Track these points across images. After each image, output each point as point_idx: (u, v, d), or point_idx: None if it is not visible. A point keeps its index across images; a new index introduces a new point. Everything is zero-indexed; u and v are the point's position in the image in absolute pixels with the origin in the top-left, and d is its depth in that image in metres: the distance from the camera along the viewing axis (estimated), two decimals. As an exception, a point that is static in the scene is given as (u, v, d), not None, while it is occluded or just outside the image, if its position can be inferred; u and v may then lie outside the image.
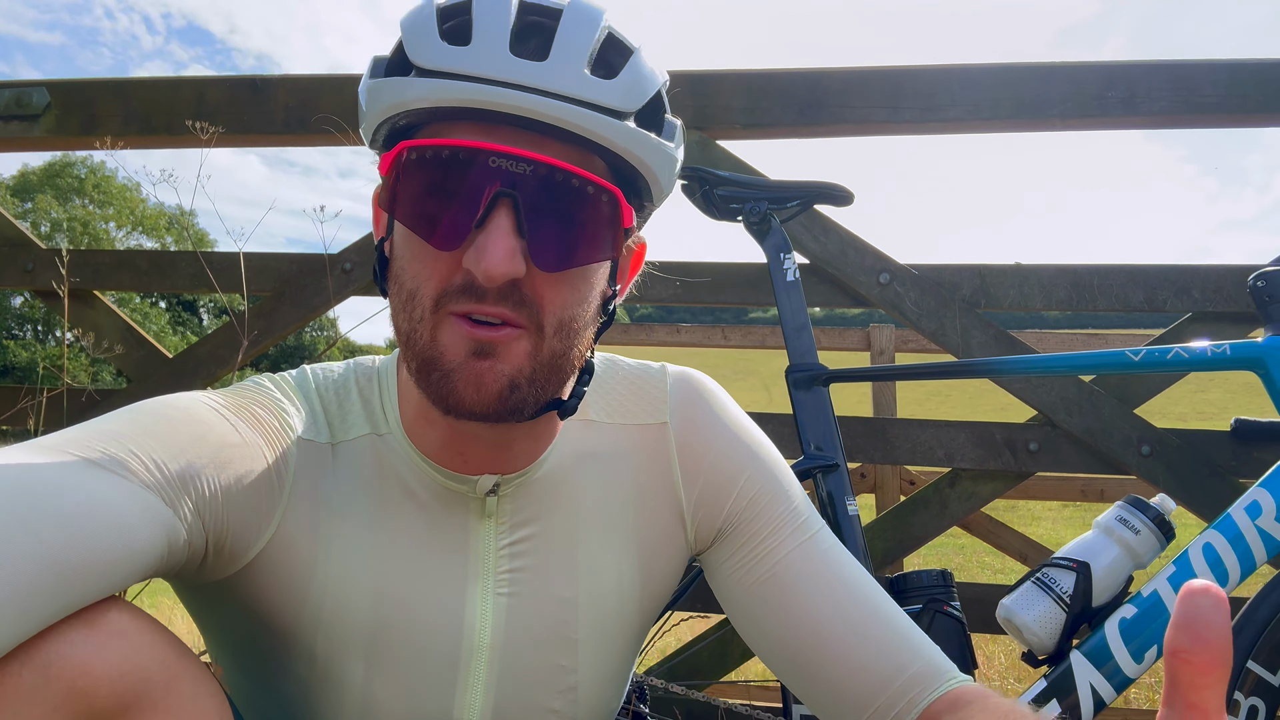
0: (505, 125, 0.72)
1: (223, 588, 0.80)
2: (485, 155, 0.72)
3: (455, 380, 0.74)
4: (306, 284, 2.33)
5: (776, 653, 0.90)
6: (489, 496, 0.87)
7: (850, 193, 1.78)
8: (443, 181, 0.73)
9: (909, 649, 0.86)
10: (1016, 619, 1.48)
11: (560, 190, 0.74)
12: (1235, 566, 1.39)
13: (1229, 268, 2.06)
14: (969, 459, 2.06)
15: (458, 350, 0.75)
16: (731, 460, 0.93)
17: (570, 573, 0.89)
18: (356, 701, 0.84)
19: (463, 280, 0.74)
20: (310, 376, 0.89)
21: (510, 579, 0.87)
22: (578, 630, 0.90)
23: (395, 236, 0.79)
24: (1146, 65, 2.10)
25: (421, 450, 0.85)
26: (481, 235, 0.72)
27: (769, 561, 0.90)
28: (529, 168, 0.72)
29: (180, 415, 0.75)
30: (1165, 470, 1.97)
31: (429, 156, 0.73)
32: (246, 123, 2.31)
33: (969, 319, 2.08)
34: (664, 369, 0.98)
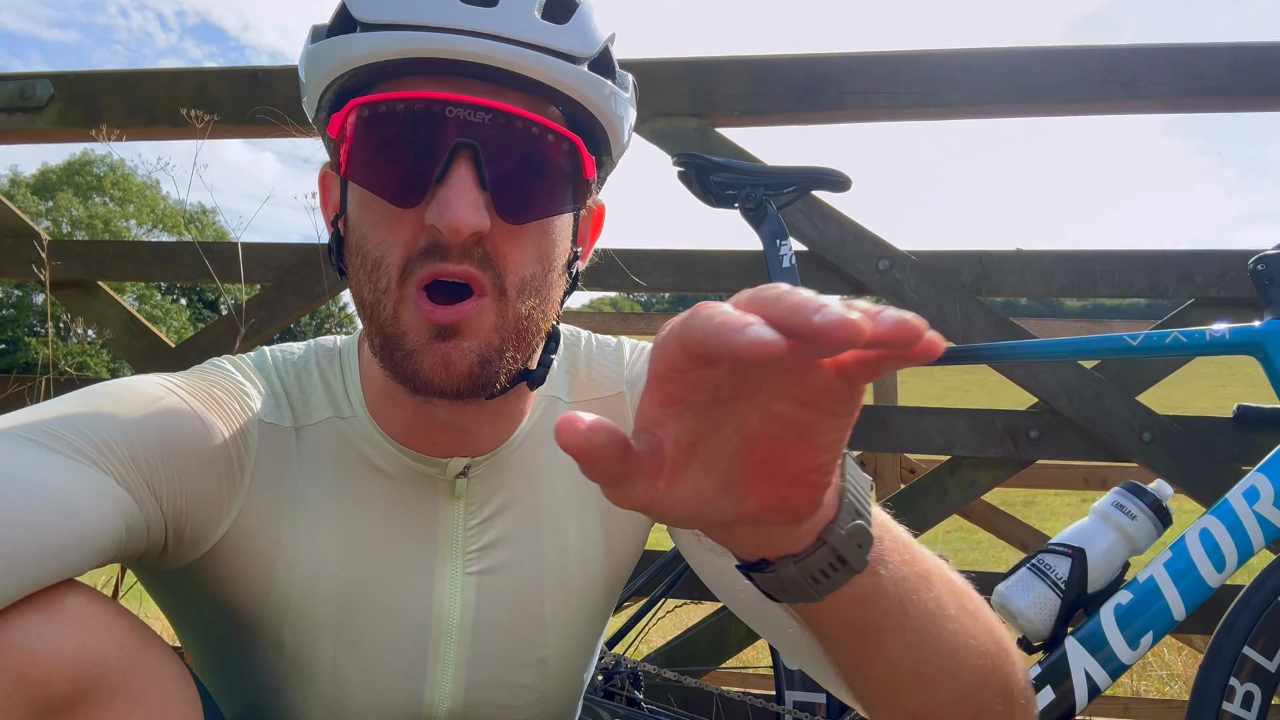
0: (458, 76, 0.70)
1: (186, 574, 0.80)
2: (441, 105, 0.70)
3: (420, 360, 0.73)
4: (307, 274, 2.33)
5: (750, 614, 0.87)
6: (459, 479, 0.86)
7: (848, 178, 1.77)
8: (398, 136, 0.71)
9: None
10: (1011, 605, 1.47)
11: (521, 139, 0.72)
12: (1233, 552, 1.38)
13: (1232, 253, 2.04)
14: (969, 446, 2.05)
15: (419, 331, 0.73)
16: None
17: (537, 549, 0.89)
18: (326, 686, 0.83)
19: (427, 241, 0.72)
20: (269, 358, 0.88)
21: (479, 558, 0.87)
22: (545, 605, 0.89)
23: (351, 206, 0.77)
24: (1149, 49, 2.08)
25: (388, 433, 0.84)
26: (443, 189, 0.70)
27: None
28: (487, 116, 0.70)
29: (134, 397, 0.74)
30: (1167, 457, 1.96)
31: (382, 111, 0.71)
32: (247, 113, 2.31)
33: (969, 306, 2.06)
34: (620, 342, 0.98)
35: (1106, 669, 1.38)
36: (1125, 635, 1.39)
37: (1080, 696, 1.38)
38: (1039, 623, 1.45)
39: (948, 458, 2.10)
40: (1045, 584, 1.46)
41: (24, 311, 42.07)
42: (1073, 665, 1.39)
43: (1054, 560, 1.47)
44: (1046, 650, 1.44)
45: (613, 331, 3.75)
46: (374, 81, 0.73)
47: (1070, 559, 1.46)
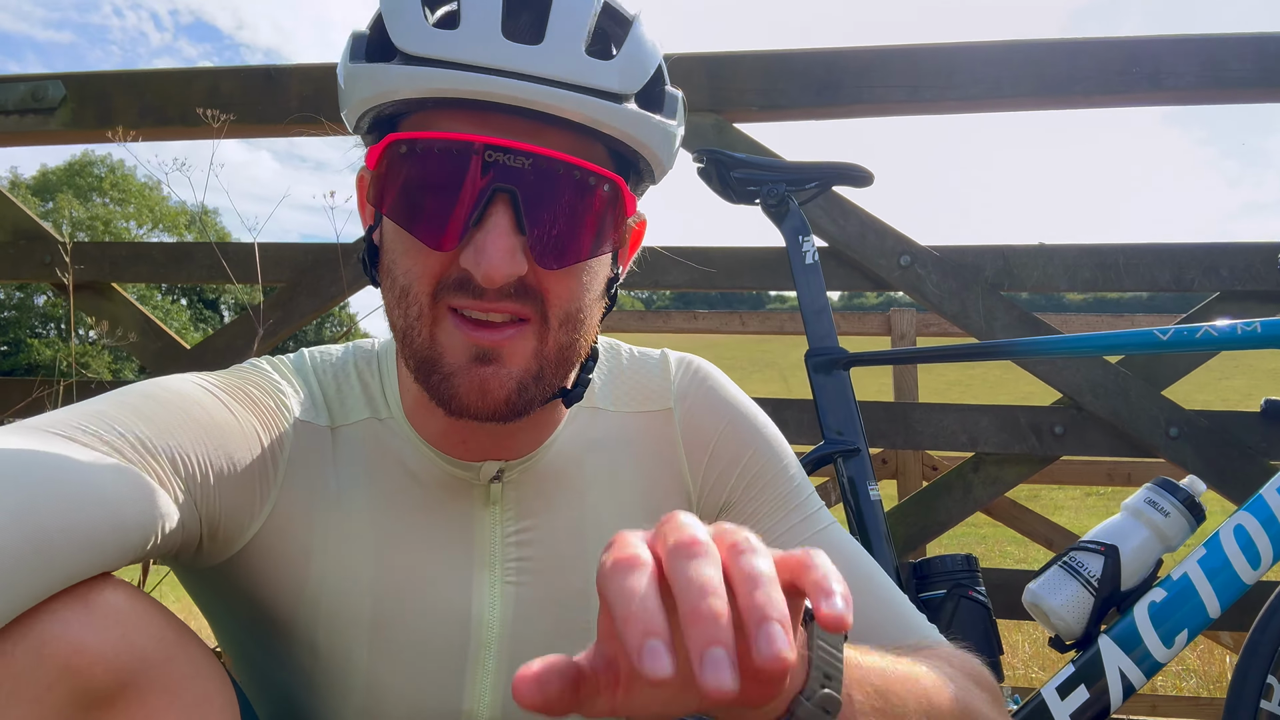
0: (499, 113, 0.69)
1: (222, 572, 0.79)
2: (480, 149, 0.68)
3: (457, 384, 0.73)
4: (322, 274, 2.32)
5: None
6: (493, 483, 0.85)
7: (870, 173, 1.75)
8: (435, 176, 0.70)
9: (899, 629, 0.86)
10: (1044, 603, 1.45)
11: (561, 183, 0.70)
12: (1268, 548, 1.36)
13: (1258, 245, 2.01)
14: (993, 443, 2.04)
15: (457, 354, 0.73)
16: (734, 440, 0.93)
17: (580, 562, 0.88)
18: (362, 691, 0.82)
19: (458, 275, 0.71)
20: (308, 359, 0.88)
21: (518, 568, 0.86)
22: (591, 619, 0.87)
23: (386, 227, 0.76)
24: (1172, 40, 2.06)
25: (424, 436, 0.84)
26: (479, 234, 0.69)
27: (767, 540, 0.88)
28: (527, 161, 0.69)
29: (168, 395, 0.74)
30: (1194, 452, 1.94)
31: (420, 150, 0.70)
32: (261, 113, 2.30)
33: (992, 301, 2.04)
34: (665, 355, 0.97)
35: (1141, 668, 1.37)
36: (1160, 633, 1.37)
37: (1115, 696, 1.37)
38: (1072, 621, 1.43)
39: (971, 454, 2.08)
40: (1078, 582, 1.44)
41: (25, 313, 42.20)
42: (1107, 664, 1.38)
43: (1086, 558, 1.46)
44: (1079, 649, 1.43)
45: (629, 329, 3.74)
46: (412, 112, 0.72)
47: (1103, 556, 1.44)
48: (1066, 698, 1.38)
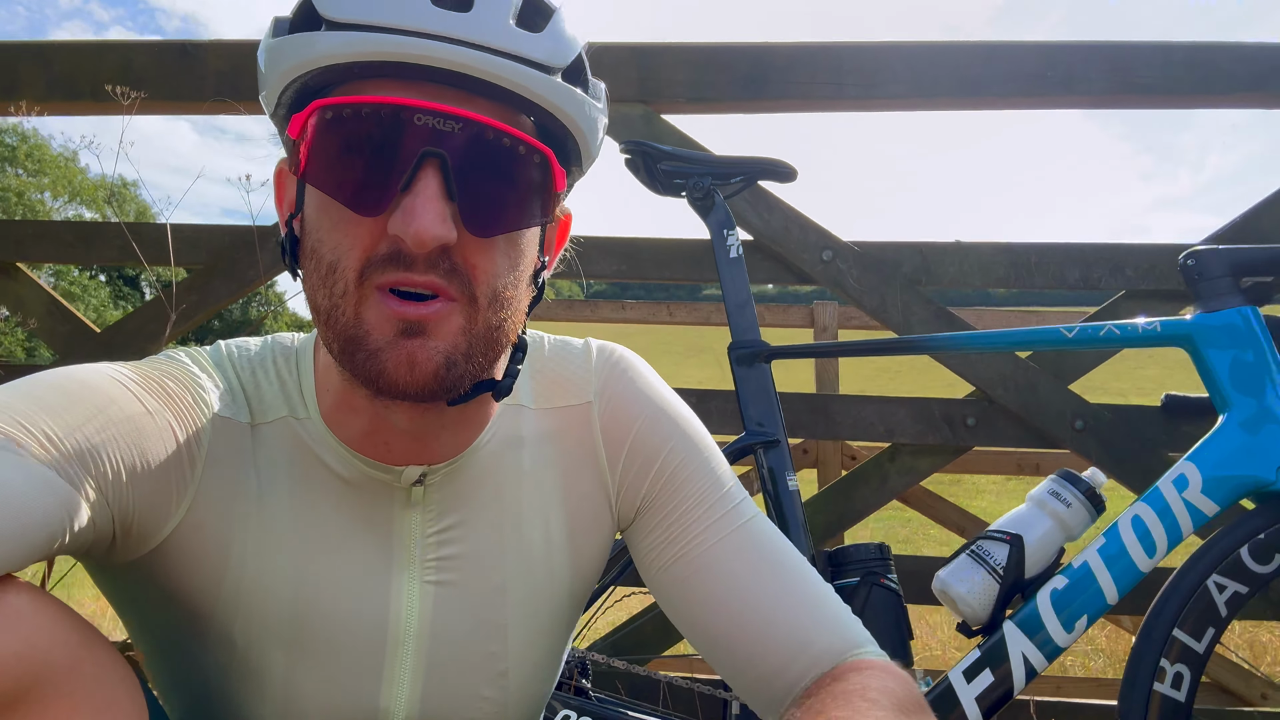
0: (428, 82, 0.68)
1: (135, 569, 0.77)
2: (410, 112, 0.68)
3: (384, 360, 0.71)
4: (239, 257, 2.26)
5: (692, 628, 0.89)
6: (415, 487, 0.84)
7: (794, 169, 1.78)
8: (363, 142, 0.69)
9: (817, 623, 0.85)
10: (951, 590, 1.51)
11: (491, 150, 0.70)
12: (1163, 538, 1.43)
13: (1162, 246, 2.11)
14: (909, 434, 2.09)
15: (384, 329, 0.71)
16: (654, 436, 0.92)
17: (500, 559, 0.88)
18: (278, 690, 0.81)
19: (388, 249, 0.70)
20: (225, 352, 0.86)
21: (438, 566, 0.85)
22: (508, 617, 0.88)
23: (308, 208, 0.74)
24: (1084, 46, 2.13)
25: (343, 439, 0.82)
26: (408, 198, 0.68)
27: (687, 536, 0.89)
28: (458, 125, 0.68)
29: (78, 387, 0.71)
30: (1097, 444, 2.02)
31: (347, 115, 0.69)
32: (176, 89, 2.23)
33: (910, 296, 2.10)
34: (587, 346, 0.96)
35: (1043, 651, 1.43)
36: (1061, 619, 1.43)
37: (1018, 679, 1.42)
38: (979, 607, 1.49)
39: (888, 445, 2.14)
40: (985, 570, 1.49)
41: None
42: (1011, 649, 1.43)
43: (993, 547, 1.51)
44: (985, 634, 1.48)
45: (558, 318, 3.73)
46: (338, 82, 0.71)
47: (1008, 545, 1.50)
48: (972, 681, 1.43)
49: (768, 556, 0.88)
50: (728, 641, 0.86)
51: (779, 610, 0.85)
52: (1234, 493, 1.43)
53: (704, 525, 0.89)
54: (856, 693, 0.75)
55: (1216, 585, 1.40)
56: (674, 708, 1.86)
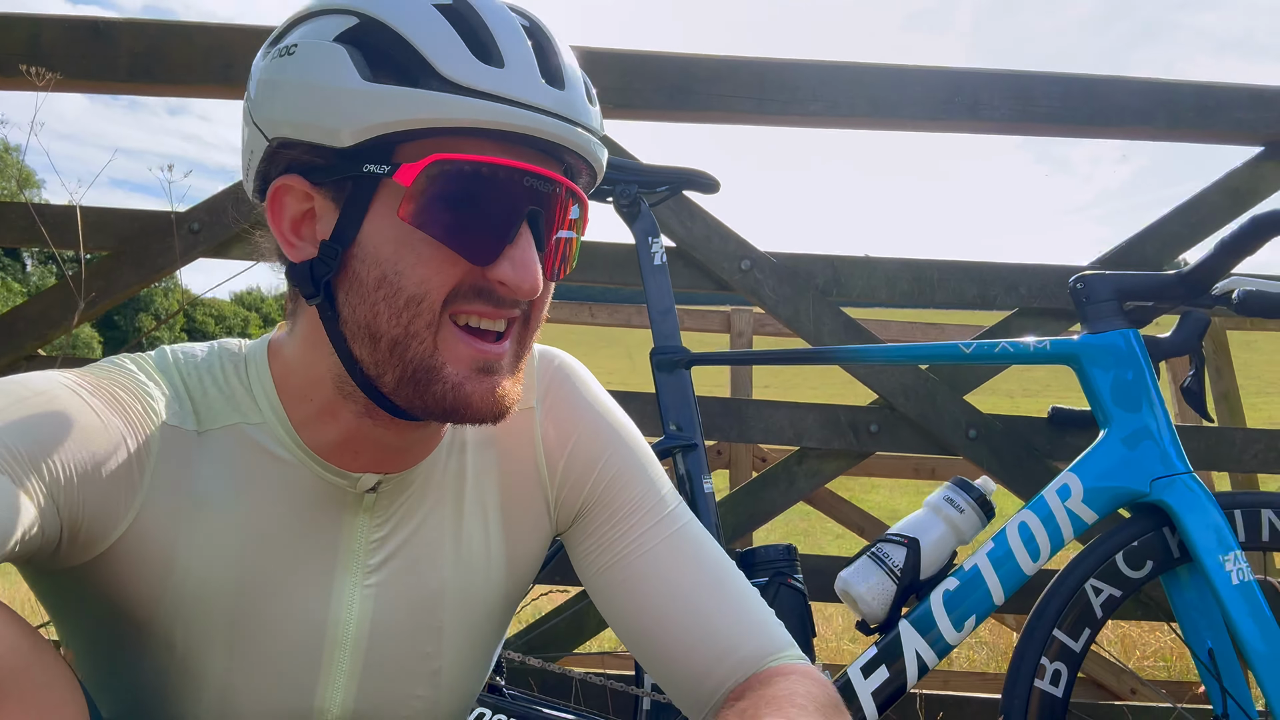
0: (522, 145, 0.76)
1: (77, 574, 0.78)
2: (520, 174, 0.75)
3: (469, 394, 0.77)
4: (149, 243, 2.20)
5: (626, 629, 0.94)
6: (368, 494, 0.87)
7: (717, 181, 1.84)
8: (481, 196, 0.75)
9: (744, 628, 0.90)
10: (852, 590, 1.59)
11: (562, 205, 0.79)
12: (1046, 543, 1.54)
13: (1053, 268, 2.24)
14: (816, 438, 2.18)
15: (462, 364, 0.78)
16: (594, 443, 0.96)
17: (438, 562, 0.90)
18: (215, 690, 0.83)
19: (475, 284, 0.76)
20: (172, 359, 0.86)
21: (378, 570, 0.88)
22: (443, 618, 0.91)
23: (380, 240, 0.76)
24: (989, 74, 2.25)
25: (309, 444, 0.84)
26: (514, 249, 0.76)
27: (624, 543, 0.93)
28: (550, 187, 0.77)
29: (31, 395, 0.72)
30: (989, 452, 2.14)
31: (468, 171, 0.74)
32: (87, 68, 2.14)
33: (821, 307, 2.18)
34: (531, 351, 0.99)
35: (935, 649, 1.52)
36: (951, 618, 1.52)
37: (911, 674, 1.51)
38: (877, 607, 1.57)
39: (796, 448, 2.22)
40: (883, 571, 1.58)
41: None
42: (905, 646, 1.52)
43: (891, 549, 1.60)
44: (882, 632, 1.56)
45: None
46: (428, 135, 0.74)
47: (906, 548, 1.59)
48: (869, 677, 1.52)
49: (700, 561, 0.93)
50: (660, 642, 0.91)
51: (710, 614, 0.90)
52: (1112, 503, 1.55)
53: (640, 531, 0.93)
54: (785, 698, 0.81)
55: (1093, 589, 1.51)
56: (586, 704, 1.90)
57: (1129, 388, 1.57)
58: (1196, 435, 2.20)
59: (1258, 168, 2.29)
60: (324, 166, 0.77)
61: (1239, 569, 1.43)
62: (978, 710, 2.10)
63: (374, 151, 0.74)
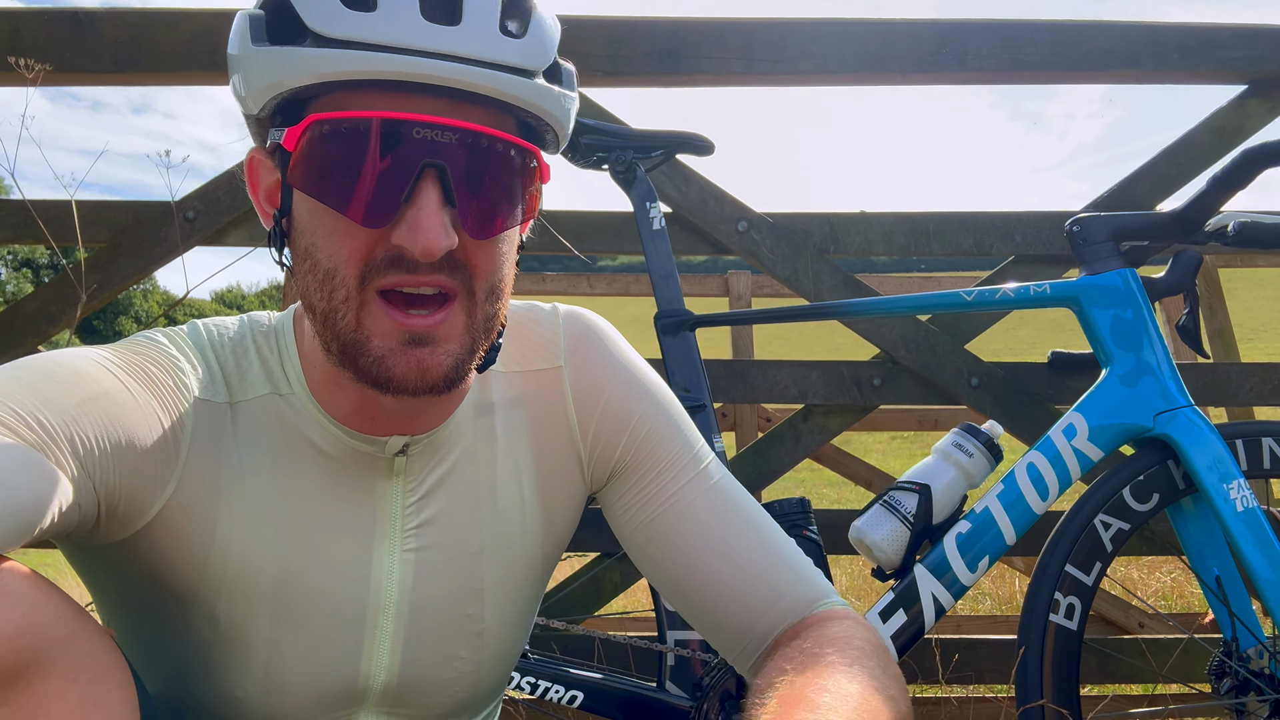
0: (418, 93, 0.70)
1: (117, 550, 0.79)
2: (409, 126, 0.70)
3: (392, 366, 0.74)
4: (145, 234, 2.20)
5: (669, 582, 0.95)
6: (398, 457, 0.87)
7: (711, 143, 1.84)
8: (363, 155, 0.70)
9: (787, 576, 0.91)
10: (867, 539, 1.61)
11: (485, 156, 0.73)
12: (1055, 482, 1.57)
13: (1048, 214, 2.26)
14: (820, 395, 2.20)
15: (388, 337, 0.74)
16: (625, 401, 0.96)
17: (475, 524, 0.91)
18: (261, 660, 0.84)
19: (387, 254, 0.73)
20: (205, 333, 0.87)
21: (417, 535, 0.88)
22: (484, 580, 0.92)
23: (300, 214, 0.76)
24: (977, 24, 2.25)
25: (330, 412, 0.84)
26: (411, 210, 0.71)
27: (661, 498, 0.94)
28: (454, 136, 0.71)
29: (66, 373, 0.72)
30: (992, 400, 2.17)
31: (345, 129, 0.70)
32: (69, 60, 2.13)
33: (820, 265, 2.20)
34: (555, 310, 0.99)
35: (950, 591, 1.55)
36: (965, 560, 1.55)
37: (929, 617, 1.55)
38: (892, 553, 1.60)
39: (801, 406, 2.24)
40: (896, 518, 1.61)
41: None
42: (921, 590, 1.55)
43: (903, 496, 1.63)
44: (898, 578, 1.60)
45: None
46: (326, 92, 0.72)
47: (917, 495, 1.61)
48: (888, 621, 1.55)
49: (738, 513, 0.94)
50: (704, 595, 0.92)
51: (752, 564, 0.91)
52: (1117, 439, 1.58)
53: (677, 486, 0.93)
54: (844, 640, 0.82)
55: (1103, 524, 1.54)
56: (609, 664, 1.93)
57: (1129, 326, 1.59)
58: (1194, 372, 2.23)
59: (1243, 105, 2.30)
60: (263, 136, 0.77)
61: (1243, 496, 1.47)
62: (992, 651, 2.14)
63: (284, 117, 0.74)
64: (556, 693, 1.57)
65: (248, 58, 0.73)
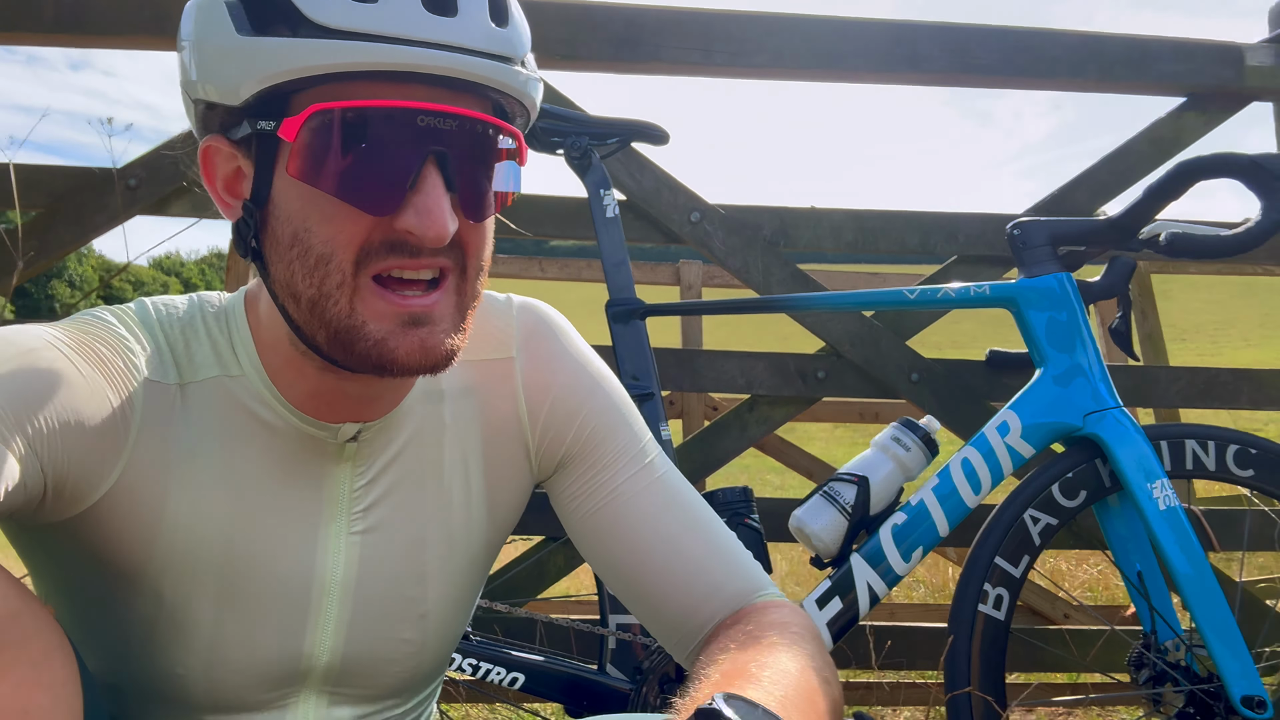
0: (415, 82, 0.71)
1: (62, 529, 0.78)
2: (413, 114, 0.71)
3: (394, 348, 0.75)
4: (85, 200, 2.14)
5: (612, 571, 0.96)
6: (349, 443, 0.88)
7: (666, 132, 1.86)
8: (369, 143, 0.71)
9: (727, 569, 0.94)
10: (806, 528, 1.65)
11: (480, 141, 0.75)
12: (987, 477, 1.62)
13: (990, 216, 2.32)
14: (766, 386, 2.23)
15: (385, 320, 0.75)
16: (574, 393, 0.97)
17: (421, 508, 0.92)
18: (205, 638, 0.84)
19: (386, 238, 0.74)
20: (153, 312, 0.86)
21: (364, 517, 0.89)
22: (428, 563, 0.93)
23: (291, 200, 0.75)
24: (929, 26, 2.30)
25: (286, 396, 0.84)
26: (417, 196, 0.73)
27: (605, 490, 0.95)
28: (454, 123, 0.73)
29: (15, 352, 0.71)
30: (930, 395, 2.23)
31: (351, 118, 0.71)
32: (8, 19, 2.06)
33: (770, 257, 2.23)
34: (509, 300, 1.00)
35: (885, 580, 1.60)
36: (900, 550, 1.60)
37: (863, 605, 1.59)
38: (830, 542, 1.64)
39: (747, 396, 2.28)
40: (835, 508, 1.65)
41: None
42: (857, 579, 1.60)
43: (842, 487, 1.67)
44: (835, 566, 1.64)
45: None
46: (319, 82, 0.71)
47: (856, 486, 1.66)
48: (824, 608, 1.59)
49: (681, 507, 0.96)
50: (647, 585, 0.94)
51: (694, 557, 0.93)
52: (1048, 437, 1.63)
53: (624, 478, 0.95)
54: (783, 624, 0.85)
55: (1031, 518, 1.60)
56: (550, 647, 1.95)
57: (1063, 328, 1.65)
58: (1124, 374, 2.32)
59: (1180, 118, 2.39)
60: (234, 125, 0.77)
61: (1165, 495, 1.53)
62: (923, 638, 2.20)
63: (267, 106, 0.73)
64: (498, 674, 1.59)
65: (236, 48, 0.72)
